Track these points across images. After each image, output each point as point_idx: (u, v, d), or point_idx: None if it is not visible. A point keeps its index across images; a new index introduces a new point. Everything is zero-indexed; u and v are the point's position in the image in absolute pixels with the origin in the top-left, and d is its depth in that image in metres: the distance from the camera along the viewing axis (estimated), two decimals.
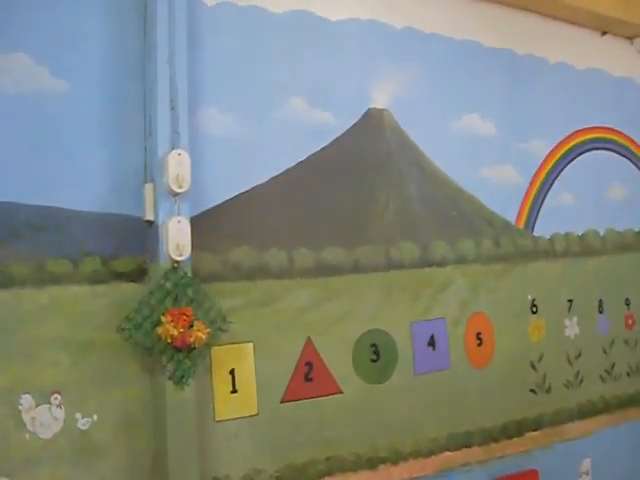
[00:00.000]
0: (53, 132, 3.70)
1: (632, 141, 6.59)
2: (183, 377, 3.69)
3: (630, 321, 6.34)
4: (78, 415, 3.61)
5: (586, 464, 5.81)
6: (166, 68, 3.85)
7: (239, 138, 4.28)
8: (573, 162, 6.10)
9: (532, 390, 5.53)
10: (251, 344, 4.19)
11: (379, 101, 4.93)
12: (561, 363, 5.77)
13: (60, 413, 3.55)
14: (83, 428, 3.61)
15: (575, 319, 5.90)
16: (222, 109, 4.24)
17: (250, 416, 4.16)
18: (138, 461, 3.75)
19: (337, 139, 4.70)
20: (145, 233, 3.85)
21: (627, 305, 6.34)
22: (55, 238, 3.64)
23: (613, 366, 6.14)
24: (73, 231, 3.70)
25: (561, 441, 5.63)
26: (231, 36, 4.30)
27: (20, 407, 3.45)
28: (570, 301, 5.88)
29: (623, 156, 6.53)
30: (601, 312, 6.12)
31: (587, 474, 5.80)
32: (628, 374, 6.25)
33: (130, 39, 3.94)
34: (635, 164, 6.61)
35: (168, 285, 3.70)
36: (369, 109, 4.88)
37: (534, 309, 5.62)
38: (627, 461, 6.07)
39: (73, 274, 3.67)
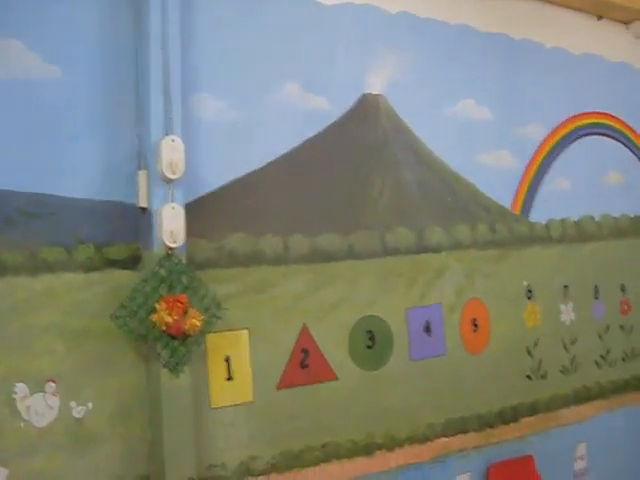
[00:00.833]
0: (46, 119, 3.65)
1: (628, 127, 6.58)
2: (178, 364, 3.68)
3: (625, 307, 6.35)
4: (73, 403, 3.58)
5: (581, 449, 5.83)
6: (159, 53, 3.81)
7: (233, 123, 4.24)
8: (569, 147, 6.09)
9: (528, 376, 5.53)
10: (246, 331, 4.17)
11: (374, 86, 4.90)
12: (557, 349, 5.77)
13: (55, 401, 3.53)
14: (78, 416, 3.60)
15: (571, 305, 5.90)
16: (216, 94, 4.20)
17: (246, 403, 4.15)
18: (133, 449, 3.74)
19: (332, 124, 4.67)
20: (139, 220, 3.82)
21: (622, 291, 6.34)
22: (49, 226, 3.61)
23: (609, 351, 6.15)
24: (66, 218, 3.67)
25: (556, 426, 5.65)
26: (225, 21, 4.25)
27: (15, 396, 3.43)
28: (566, 287, 5.88)
29: (619, 142, 6.53)
30: (597, 298, 6.13)
31: (582, 459, 5.82)
32: (623, 359, 6.26)
33: (123, 24, 3.89)
34: (631, 149, 6.60)
35: (162, 272, 3.68)
36: (364, 94, 4.84)
37: (530, 295, 5.62)
38: (622, 446, 6.10)
39: (67, 262, 3.64)
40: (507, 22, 5.70)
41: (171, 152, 3.73)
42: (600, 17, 6.40)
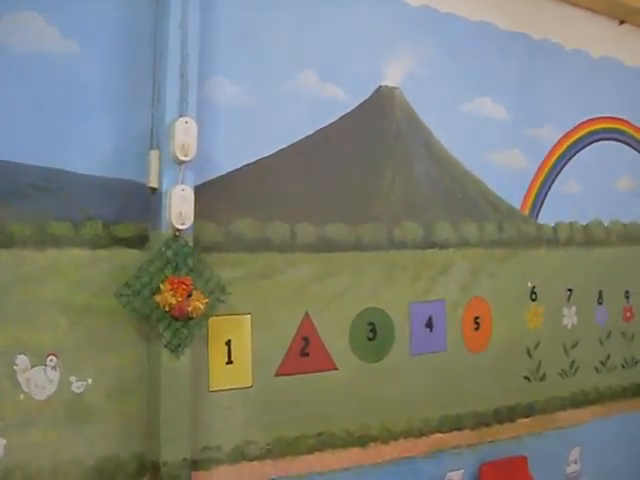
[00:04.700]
0: (60, 93, 3.66)
1: None
2: (179, 346, 3.70)
3: (628, 314, 6.34)
4: (73, 378, 3.61)
5: (575, 453, 5.83)
6: (178, 34, 3.80)
7: (247, 108, 4.24)
8: (582, 151, 6.07)
9: (526, 377, 5.54)
10: (249, 316, 4.19)
11: (391, 79, 4.89)
12: (557, 352, 5.77)
13: (55, 375, 3.55)
14: (77, 391, 3.62)
15: (574, 309, 5.90)
16: (232, 78, 4.20)
17: (244, 388, 4.16)
18: (130, 427, 3.76)
19: (346, 115, 4.66)
20: (148, 200, 3.83)
21: (627, 298, 6.33)
22: (58, 200, 3.62)
23: (608, 357, 6.14)
24: (76, 194, 3.68)
25: (552, 429, 5.65)
26: (245, 5, 4.24)
27: (15, 367, 3.45)
28: (570, 290, 5.87)
29: (633, 148, 6.50)
30: (600, 303, 6.12)
31: (576, 463, 5.83)
32: (623, 366, 6.26)
33: (143, 3, 3.88)
34: None
35: (169, 253, 3.69)
36: (380, 86, 4.83)
37: (534, 296, 5.61)
38: (616, 452, 6.07)
39: (74, 237, 3.65)
40: (528, 21, 5.67)
41: (184, 134, 3.73)
42: (622, 22, 6.36)
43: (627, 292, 6.33)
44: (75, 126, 3.70)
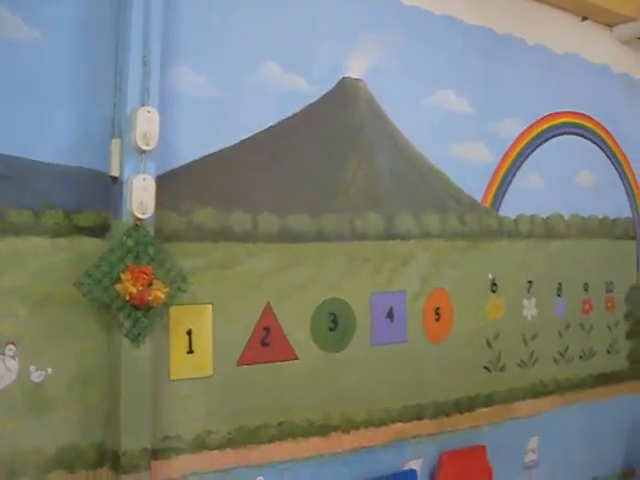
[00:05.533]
0: (22, 81, 3.63)
1: (603, 128, 6.64)
2: (139, 335, 3.70)
3: (587, 306, 6.44)
4: (32, 368, 3.59)
5: (533, 442, 5.93)
6: (140, 22, 3.78)
7: (210, 98, 4.23)
8: (544, 145, 6.14)
9: (486, 367, 5.61)
10: (210, 306, 4.19)
11: (354, 70, 4.91)
12: (516, 343, 5.85)
13: (14, 364, 3.53)
14: (37, 381, 3.60)
15: (534, 300, 5.98)
16: (195, 68, 4.18)
17: (205, 377, 4.17)
18: (90, 416, 3.76)
19: (310, 106, 4.67)
20: (109, 189, 3.82)
21: (585, 290, 6.43)
22: (18, 188, 3.59)
23: (567, 349, 6.24)
24: (36, 182, 3.65)
25: (511, 419, 5.74)
26: None
27: None
28: (530, 282, 5.96)
29: (594, 143, 6.59)
30: (559, 295, 6.21)
31: (534, 452, 5.92)
32: (581, 357, 6.36)
33: None
34: (604, 151, 6.66)
35: (129, 242, 3.69)
36: (344, 78, 4.85)
37: (494, 288, 5.67)
38: (574, 442, 6.20)
39: (34, 226, 3.63)
40: (492, 16, 5.72)
41: (146, 123, 3.72)
42: (585, 18, 6.44)
43: (586, 284, 6.43)
44: (36, 114, 3.67)
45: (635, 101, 6.91)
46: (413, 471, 5.06)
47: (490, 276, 5.65)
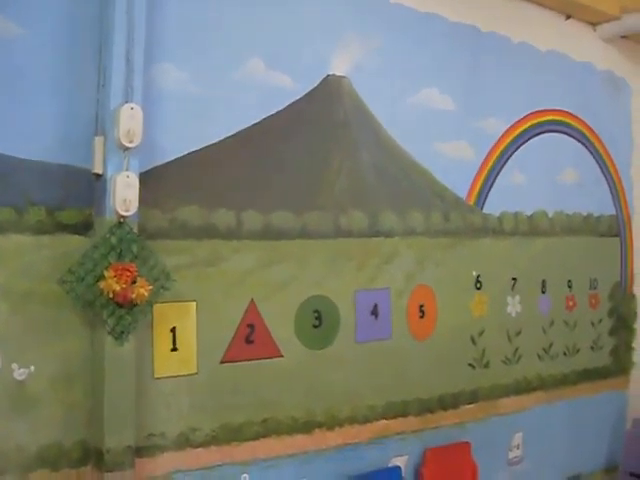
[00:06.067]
0: (4, 79, 3.61)
1: (587, 126, 6.66)
2: (123, 333, 3.69)
3: (571, 303, 6.47)
4: (15, 365, 3.58)
5: (518, 438, 5.96)
6: (124, 18, 3.76)
7: (194, 96, 4.22)
8: (528, 143, 6.15)
9: (470, 364, 5.63)
10: (194, 303, 4.19)
11: (339, 68, 4.91)
12: (501, 339, 5.87)
13: None
14: (19, 378, 3.59)
15: (518, 297, 6.00)
16: (179, 65, 4.17)
17: (189, 375, 4.17)
18: (74, 414, 3.75)
19: (294, 103, 4.67)
20: (93, 186, 3.80)
21: (569, 287, 6.45)
22: (0, 186, 3.57)
23: (551, 345, 6.26)
24: (19, 180, 3.64)
25: (495, 415, 5.77)
26: None
27: None
28: (514, 279, 5.98)
29: (578, 140, 6.61)
30: (543, 292, 6.23)
31: (518, 448, 5.96)
32: (565, 354, 6.39)
33: None
34: (588, 149, 6.68)
35: (113, 240, 3.68)
36: (328, 75, 4.85)
37: (478, 285, 5.69)
38: (558, 437, 6.25)
39: (17, 223, 3.62)
40: (476, 13, 5.72)
41: (129, 120, 3.70)
42: (568, 17, 6.46)
43: (570, 281, 6.45)
44: (18, 111, 3.65)
45: (618, 99, 6.94)
46: (398, 468, 5.08)
47: (474, 273, 5.67)
